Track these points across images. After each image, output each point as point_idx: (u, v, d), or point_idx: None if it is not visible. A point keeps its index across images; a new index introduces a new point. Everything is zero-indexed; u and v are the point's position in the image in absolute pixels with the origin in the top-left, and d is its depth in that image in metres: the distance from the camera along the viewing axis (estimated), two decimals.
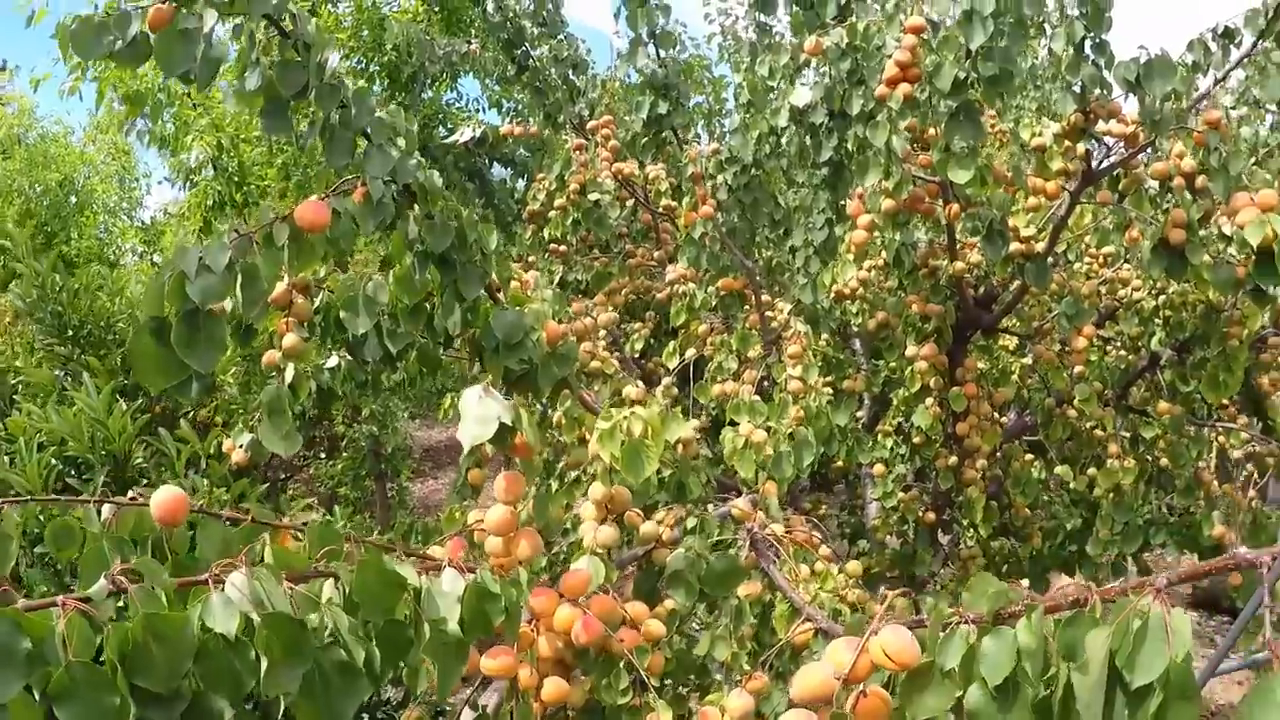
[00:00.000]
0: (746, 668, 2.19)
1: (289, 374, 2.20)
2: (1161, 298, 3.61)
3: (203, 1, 1.74)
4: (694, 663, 2.28)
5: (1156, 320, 3.68)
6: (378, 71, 5.67)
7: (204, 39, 1.71)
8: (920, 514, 3.93)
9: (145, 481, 2.81)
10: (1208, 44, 3.30)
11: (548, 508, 1.94)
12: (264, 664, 1.00)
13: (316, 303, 2.28)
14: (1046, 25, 4.05)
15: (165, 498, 1.36)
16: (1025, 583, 4.29)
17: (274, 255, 1.64)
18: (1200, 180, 2.73)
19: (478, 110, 6.32)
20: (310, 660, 1.05)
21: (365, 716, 3.41)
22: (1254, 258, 2.58)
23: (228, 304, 1.65)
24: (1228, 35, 3.17)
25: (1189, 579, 0.99)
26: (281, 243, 1.66)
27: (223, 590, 1.02)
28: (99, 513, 1.39)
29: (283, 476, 5.07)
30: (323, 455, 6.57)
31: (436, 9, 6.00)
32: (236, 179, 5.19)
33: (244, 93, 1.90)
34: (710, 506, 2.62)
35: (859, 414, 4.29)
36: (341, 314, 2.19)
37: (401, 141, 1.99)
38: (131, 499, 1.42)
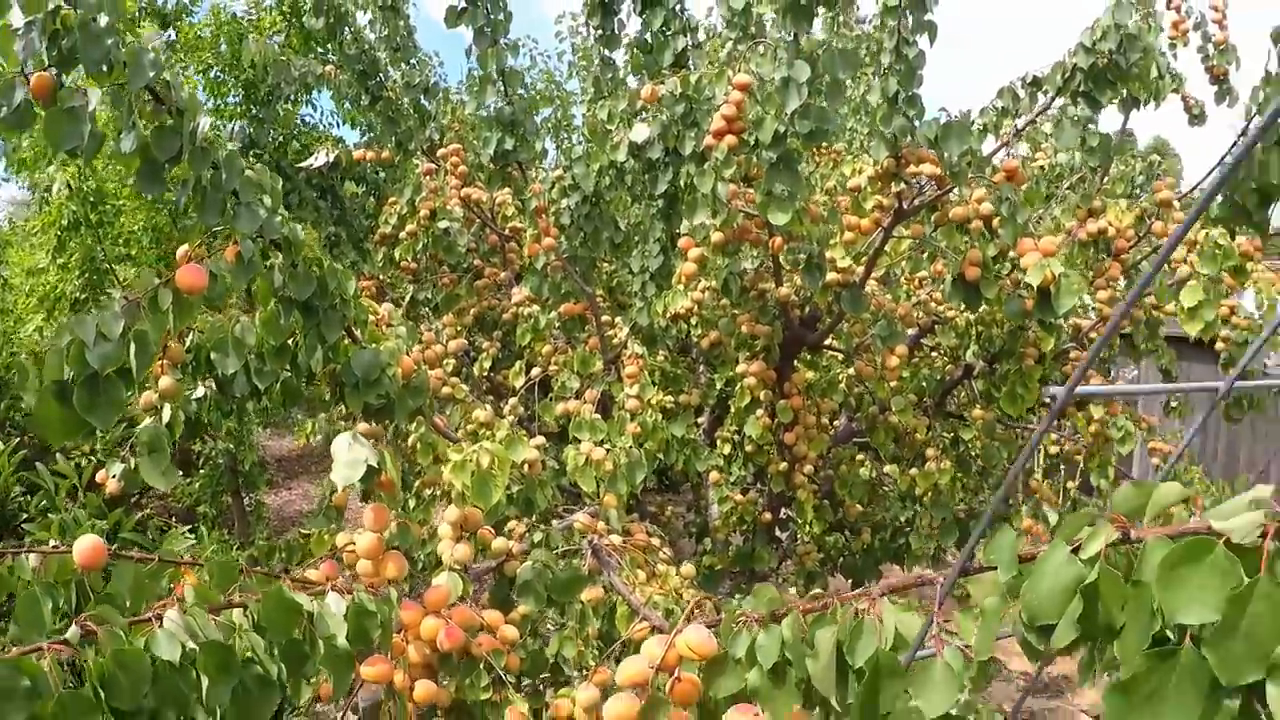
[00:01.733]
0: (592, 663, 2.56)
1: (165, 414, 2.46)
2: (973, 315, 4.14)
3: (85, 78, 2.00)
4: (546, 661, 2.62)
5: (970, 334, 4.21)
6: (234, 85, 5.82)
7: (89, 117, 1.96)
8: (758, 514, 4.39)
9: (25, 515, 2.98)
10: (1016, 91, 3.85)
11: (409, 533, 2.26)
12: (204, 683, 1.30)
13: (187, 343, 2.54)
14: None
15: (86, 545, 1.63)
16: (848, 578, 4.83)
17: (160, 319, 1.91)
18: (997, 221, 3.24)
19: (333, 124, 6.53)
20: (237, 677, 1.35)
21: None
22: (1037, 295, 3.11)
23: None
24: (1035, 84, 3.71)
25: (894, 589, 1.39)
26: (166, 307, 1.93)
27: (163, 626, 1.32)
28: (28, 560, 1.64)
29: (136, 495, 5.18)
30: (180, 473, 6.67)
31: (295, 23, 6.18)
32: (92, 200, 5.27)
33: (120, 154, 2.15)
34: (556, 521, 2.99)
35: (700, 421, 4.73)
36: (212, 355, 2.45)
37: (268, 199, 2.27)
38: (54, 548, 1.68)
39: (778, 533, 4.77)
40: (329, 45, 4.84)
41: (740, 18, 3.51)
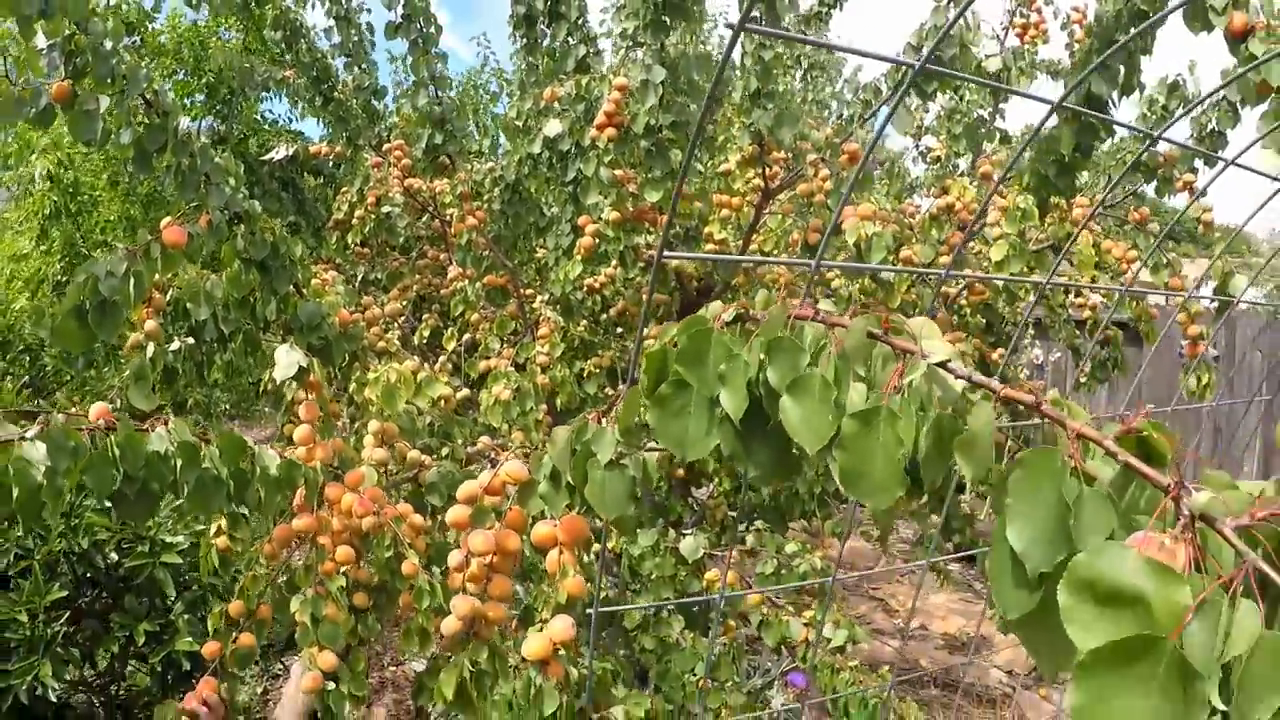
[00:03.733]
0: None
1: (149, 351, 3.32)
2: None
3: (96, 86, 2.87)
4: (448, 549, 3.46)
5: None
6: (198, 85, 6.70)
7: (101, 117, 2.84)
8: (671, 469, 5.23)
9: None
10: (878, 85, 4.74)
11: (331, 425, 3.10)
12: (179, 467, 2.14)
13: (168, 295, 3.40)
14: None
15: (98, 409, 2.47)
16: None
17: (150, 264, 2.77)
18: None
19: (291, 120, 7.44)
20: (199, 470, 2.18)
21: None
22: (855, 251, 3.97)
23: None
24: (875, 91, 4.60)
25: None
26: (155, 256, 2.79)
27: (154, 431, 2.16)
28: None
29: None
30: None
31: (253, 27, 7.07)
32: (71, 190, 6.15)
33: (119, 145, 3.02)
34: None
35: (620, 385, 5.58)
36: (188, 305, 3.31)
37: (232, 180, 3.13)
38: (74, 413, 2.53)
39: (690, 488, 5.62)
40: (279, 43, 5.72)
41: (626, 37, 4.39)
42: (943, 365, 1.38)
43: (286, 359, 2.82)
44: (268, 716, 5.58)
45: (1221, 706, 0.83)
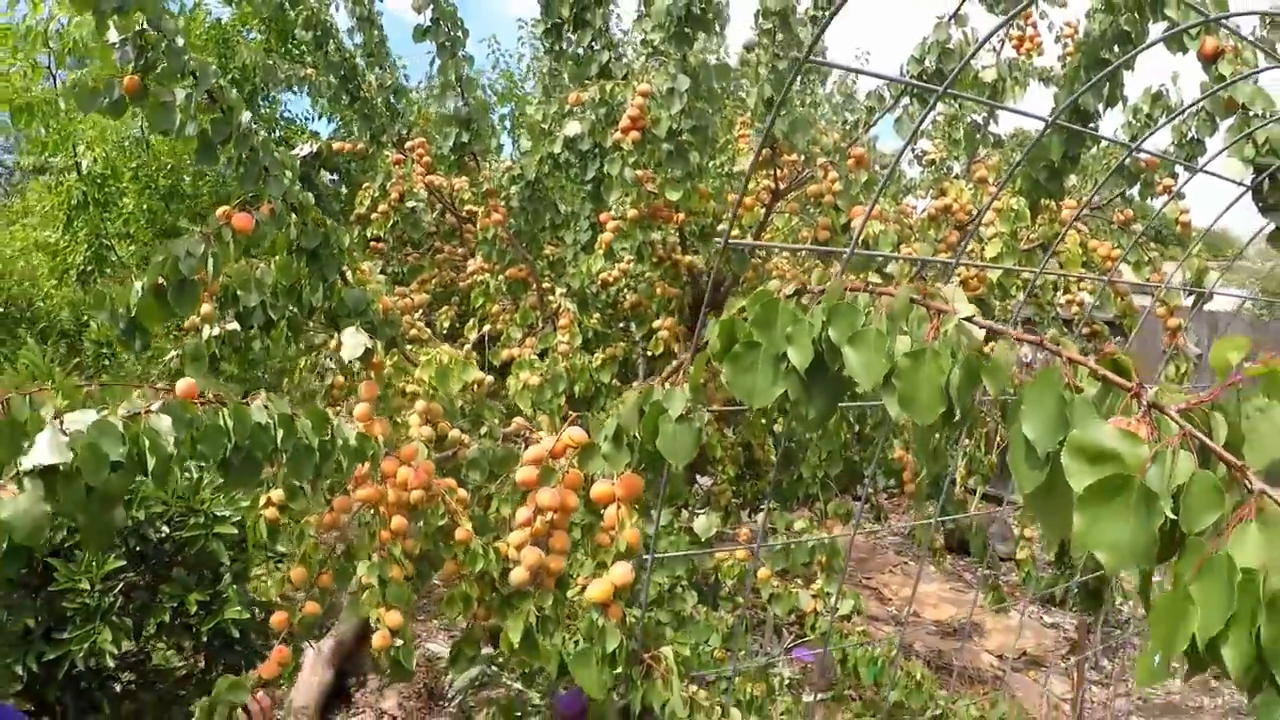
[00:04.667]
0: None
1: (205, 332, 3.58)
2: None
3: (173, 81, 3.14)
4: (490, 522, 3.76)
5: None
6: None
7: (177, 109, 3.10)
8: None
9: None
10: (882, 93, 5.06)
11: (390, 403, 3.38)
12: (280, 436, 2.41)
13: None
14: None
15: (184, 385, 2.73)
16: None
17: (225, 248, 3.05)
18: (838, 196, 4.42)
19: (308, 120, 7.72)
20: (294, 440, 2.45)
21: None
22: (863, 247, 4.28)
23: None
24: (879, 99, 4.93)
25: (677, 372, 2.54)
26: (227, 239, 3.07)
27: (253, 405, 2.43)
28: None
29: None
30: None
31: (273, 26, 7.34)
32: (99, 181, 6.42)
33: (185, 136, 3.29)
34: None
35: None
36: (239, 291, 3.58)
37: (289, 173, 3.41)
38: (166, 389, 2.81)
39: (695, 474, 5.92)
40: (303, 46, 6.01)
41: (648, 45, 4.70)
42: (969, 319, 1.78)
43: (353, 340, 3.11)
44: (282, 699, 5.83)
45: (1172, 516, 1.28)
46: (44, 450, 1.82)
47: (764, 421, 5.70)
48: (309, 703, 5.80)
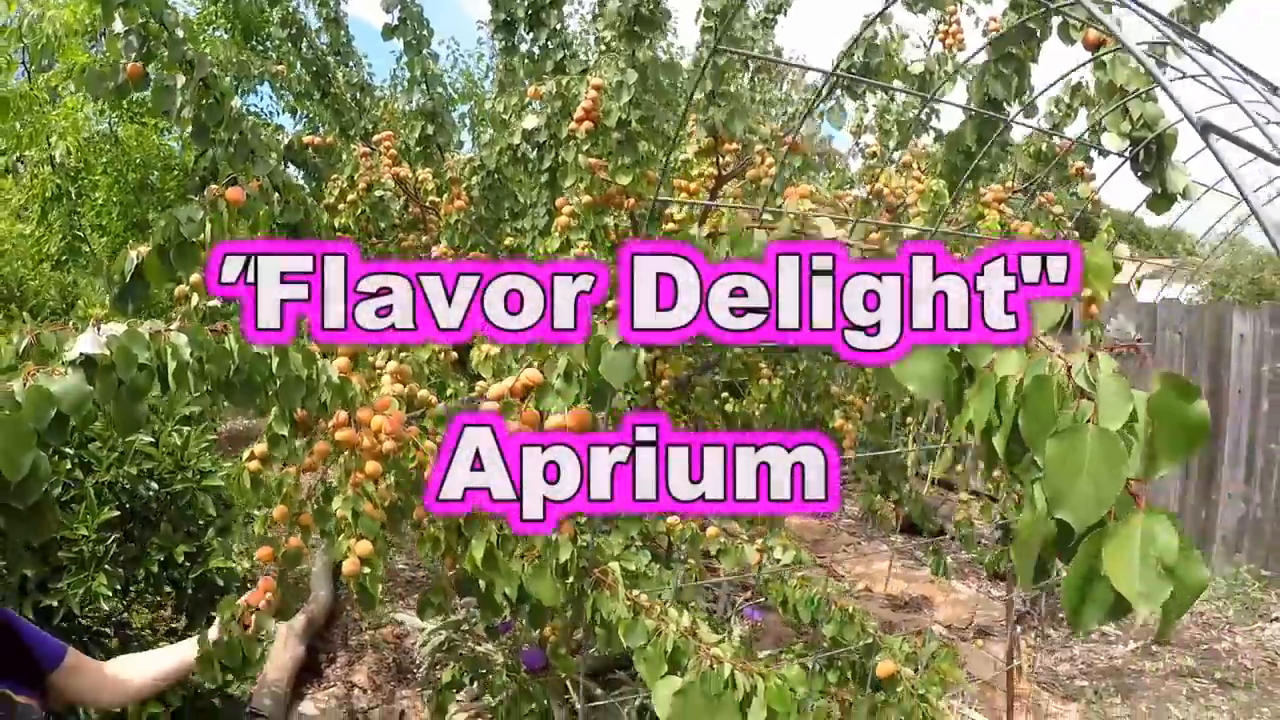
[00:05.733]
0: None
1: (194, 300, 3.98)
2: None
3: (174, 69, 3.56)
4: None
5: None
6: None
7: (179, 92, 3.52)
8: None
9: None
10: (819, 88, 5.54)
11: (363, 359, 3.80)
12: (274, 364, 2.82)
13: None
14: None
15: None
16: None
17: (219, 218, 3.47)
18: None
19: (273, 115, 8.12)
20: (287, 371, 2.87)
21: None
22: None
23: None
24: (815, 92, 5.40)
25: None
26: (221, 209, 3.48)
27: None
28: None
29: None
30: None
31: (236, 24, 7.76)
32: (72, 175, 6.79)
33: (181, 119, 3.70)
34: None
35: None
36: None
37: (274, 155, 3.83)
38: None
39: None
40: (270, 43, 6.42)
41: (601, 43, 5.14)
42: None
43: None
44: (255, 675, 6.18)
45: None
46: (86, 343, 2.21)
47: (715, 401, 6.16)
48: (281, 677, 6.13)
